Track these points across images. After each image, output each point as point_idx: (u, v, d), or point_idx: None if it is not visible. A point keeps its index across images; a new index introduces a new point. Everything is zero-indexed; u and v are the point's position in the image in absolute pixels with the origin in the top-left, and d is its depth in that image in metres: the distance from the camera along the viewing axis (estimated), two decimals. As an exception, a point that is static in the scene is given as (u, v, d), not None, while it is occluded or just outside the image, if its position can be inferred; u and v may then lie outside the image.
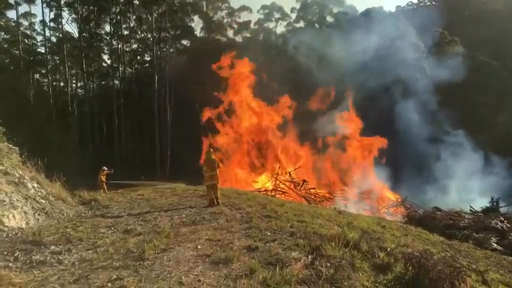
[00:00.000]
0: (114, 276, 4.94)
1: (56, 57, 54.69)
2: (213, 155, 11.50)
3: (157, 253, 5.94)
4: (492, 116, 35.46)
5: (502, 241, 11.62)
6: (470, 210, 18.20)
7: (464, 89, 36.48)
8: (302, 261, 5.32)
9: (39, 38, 56.45)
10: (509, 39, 43.01)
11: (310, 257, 5.52)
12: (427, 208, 20.14)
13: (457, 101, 35.28)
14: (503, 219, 14.40)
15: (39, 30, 55.78)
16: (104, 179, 15.91)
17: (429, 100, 35.81)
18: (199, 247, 6.21)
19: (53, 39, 55.56)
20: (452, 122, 33.93)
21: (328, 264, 5.19)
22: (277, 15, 65.04)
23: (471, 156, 30.16)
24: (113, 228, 7.82)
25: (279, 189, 22.93)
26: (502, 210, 18.14)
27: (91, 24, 50.76)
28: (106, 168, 16.44)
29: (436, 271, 4.67)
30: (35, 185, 9.28)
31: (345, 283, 4.65)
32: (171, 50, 52.92)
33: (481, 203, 19.78)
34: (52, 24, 53.00)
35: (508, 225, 13.46)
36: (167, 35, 50.15)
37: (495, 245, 11.19)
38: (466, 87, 36.30)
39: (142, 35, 54.09)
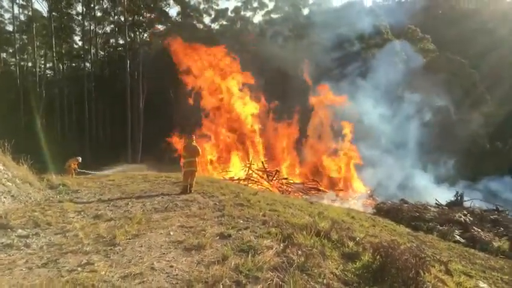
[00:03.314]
0: (84, 261, 4.87)
1: (24, 37, 52.55)
2: (194, 142, 11.38)
3: (129, 239, 5.88)
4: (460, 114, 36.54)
5: (465, 234, 12.09)
6: (436, 203, 18.80)
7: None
8: (274, 249, 5.40)
9: (7, 15, 54.07)
10: (479, 38, 44.35)
11: (282, 245, 5.61)
12: (394, 200, 20.69)
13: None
14: (466, 213, 14.98)
15: (7, 7, 53.42)
16: (75, 167, 15.60)
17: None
18: (171, 233, 6.19)
19: (22, 17, 53.33)
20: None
21: (300, 252, 5.29)
22: (255, 4, 64.50)
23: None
24: (82, 213, 7.66)
25: (251, 178, 22.99)
26: (466, 204, 18.84)
27: (62, 3, 48.84)
28: (80, 159, 16.17)
29: (402, 260, 4.83)
30: (1, 167, 8.95)
31: (315, 270, 4.75)
32: (145, 35, 51.75)
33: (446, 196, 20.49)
34: (21, 1, 50.85)
35: (471, 218, 14.02)
36: (141, 18, 48.91)
37: (458, 237, 11.64)
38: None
39: (116, 17, 52.59)
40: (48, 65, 54.45)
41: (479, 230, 12.34)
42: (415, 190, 25.61)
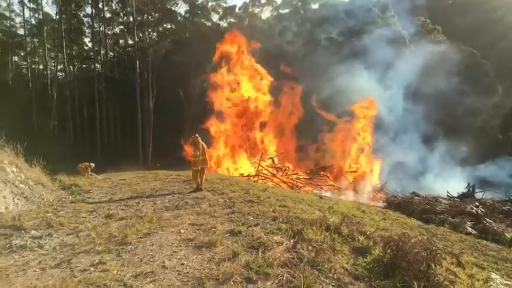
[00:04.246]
0: (96, 261, 4.93)
1: (35, 40, 53.13)
2: (200, 140, 11.36)
3: (140, 237, 5.94)
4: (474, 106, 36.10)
5: (477, 225, 11.96)
6: (447, 195, 18.61)
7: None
8: (284, 244, 5.40)
9: (18, 19, 54.57)
10: (490, 29, 43.64)
11: (292, 240, 5.60)
12: (405, 193, 20.54)
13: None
14: (478, 204, 14.82)
15: (18, 11, 54.02)
16: (88, 171, 15.74)
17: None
18: (182, 231, 6.24)
19: (33, 21, 53.89)
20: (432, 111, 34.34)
21: (310, 247, 5.28)
22: (263, 0, 64.12)
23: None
24: (94, 213, 7.76)
25: (261, 174, 23.00)
26: (478, 195, 18.63)
27: (72, 6, 49.26)
28: (93, 165, 16.30)
29: (413, 254, 4.80)
30: (14, 170, 9.12)
31: (326, 266, 4.74)
32: (154, 34, 51.96)
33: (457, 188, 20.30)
34: (31, 5, 51.38)
35: (483, 210, 13.86)
36: (150, 17, 49.12)
37: (470, 229, 11.53)
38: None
39: (125, 18, 52.88)
40: (59, 67, 54.88)
41: (491, 221, 12.19)
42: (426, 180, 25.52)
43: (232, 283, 4.22)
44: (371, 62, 35.01)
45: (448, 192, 19.02)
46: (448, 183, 24.72)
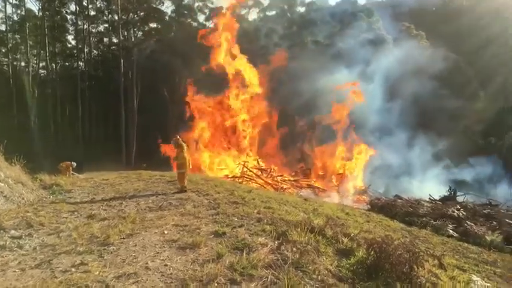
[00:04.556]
0: (78, 261, 4.85)
1: (17, 36, 51.95)
2: (181, 142, 11.29)
3: (123, 238, 5.87)
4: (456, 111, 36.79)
5: (458, 228, 12.16)
6: (429, 198, 18.89)
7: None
8: (268, 246, 5.41)
9: (0, 15, 53.39)
10: (475, 36, 44.54)
11: (276, 242, 5.61)
12: (388, 195, 20.80)
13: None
14: (459, 207, 15.06)
15: (0, 7, 52.76)
16: (69, 171, 15.49)
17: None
18: (165, 232, 6.18)
19: (15, 17, 52.67)
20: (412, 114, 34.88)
21: (294, 249, 5.30)
22: (250, 2, 64.08)
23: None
24: (76, 213, 7.63)
25: (246, 176, 23.01)
26: (459, 199, 18.95)
27: (55, 2, 48.39)
28: (75, 165, 16.03)
29: (396, 256, 4.85)
30: (-7, 168, 8.91)
31: (310, 267, 4.76)
32: (139, 33, 51.41)
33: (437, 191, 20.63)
34: (14, 1, 50.24)
35: (464, 213, 14.10)
36: (135, 16, 48.61)
37: (451, 231, 11.71)
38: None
39: (110, 16, 52.21)
40: (41, 65, 53.61)
41: (472, 224, 12.40)
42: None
43: (216, 284, 4.20)
44: (353, 64, 35.51)
45: (430, 195, 19.30)
46: (427, 185, 25.20)
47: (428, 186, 24.69)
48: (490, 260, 8.44)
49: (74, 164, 16.09)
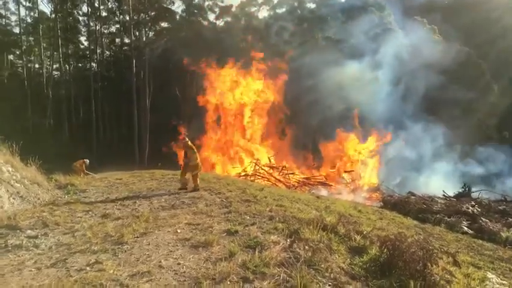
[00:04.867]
0: (92, 260, 4.91)
1: (30, 38, 52.80)
2: (189, 142, 11.28)
3: (137, 237, 5.92)
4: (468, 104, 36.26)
5: (473, 225, 12.03)
6: (443, 195, 18.69)
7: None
8: (281, 244, 5.41)
9: (14, 17, 54.13)
10: (488, 29, 43.77)
11: (288, 240, 5.61)
12: (402, 192, 20.61)
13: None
14: (474, 204, 14.90)
15: (13, 9, 53.56)
16: (82, 168, 15.71)
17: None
18: (178, 231, 6.22)
19: (28, 19, 53.52)
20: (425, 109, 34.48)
21: (306, 247, 5.29)
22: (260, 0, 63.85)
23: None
24: (90, 212, 7.72)
25: (258, 174, 23.01)
26: (474, 195, 18.71)
27: (67, 4, 49.02)
28: (88, 161, 16.27)
29: (409, 253, 4.82)
30: (10, 169, 9.05)
31: (322, 265, 4.75)
32: (150, 33, 51.77)
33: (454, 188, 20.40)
34: (27, 3, 51.05)
35: (479, 209, 13.94)
36: (146, 16, 48.94)
37: (466, 228, 11.59)
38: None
39: (121, 16, 52.67)
40: (54, 66, 54.42)
41: (487, 221, 12.26)
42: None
43: (228, 283, 4.21)
44: (365, 58, 35.23)
45: (444, 191, 19.09)
46: (439, 180, 24.93)
47: (440, 180, 24.47)
48: (505, 257, 8.33)
49: (87, 161, 16.31)
